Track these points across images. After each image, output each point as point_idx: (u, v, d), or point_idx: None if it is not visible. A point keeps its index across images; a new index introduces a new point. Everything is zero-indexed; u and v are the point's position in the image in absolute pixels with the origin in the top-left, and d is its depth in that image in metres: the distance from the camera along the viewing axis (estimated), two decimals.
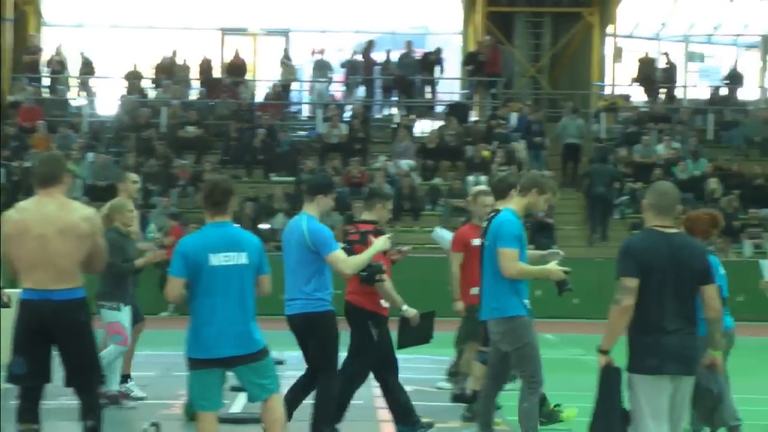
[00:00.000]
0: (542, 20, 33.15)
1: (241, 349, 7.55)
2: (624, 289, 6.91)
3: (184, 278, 7.54)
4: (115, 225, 11.49)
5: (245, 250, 7.57)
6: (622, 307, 6.91)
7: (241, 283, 7.55)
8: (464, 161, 28.03)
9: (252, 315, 7.65)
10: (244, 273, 7.56)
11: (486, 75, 31.22)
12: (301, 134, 30.48)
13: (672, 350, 6.93)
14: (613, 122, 30.97)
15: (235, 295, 7.53)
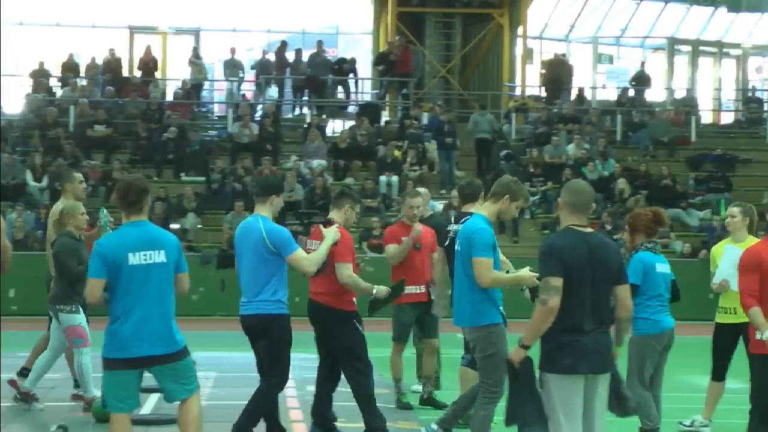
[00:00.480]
0: (453, 21, 33.27)
1: (162, 348, 7.45)
2: (550, 288, 6.90)
3: (104, 279, 7.45)
4: (69, 229, 11.29)
5: (164, 249, 7.49)
6: (548, 307, 6.89)
7: (161, 282, 7.46)
8: (376, 161, 28.04)
9: (172, 314, 7.56)
10: (163, 271, 7.47)
11: (397, 75, 31.28)
12: (211, 134, 30.27)
13: (587, 350, 6.94)
14: (524, 123, 31.23)
15: (154, 293, 7.44)
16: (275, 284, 8.99)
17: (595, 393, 7.03)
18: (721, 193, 28.25)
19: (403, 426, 10.64)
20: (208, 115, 32.45)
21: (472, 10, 32.92)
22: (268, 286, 8.98)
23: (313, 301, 9.67)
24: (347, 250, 9.55)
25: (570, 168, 27.57)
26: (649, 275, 9.19)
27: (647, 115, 31.60)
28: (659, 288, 9.25)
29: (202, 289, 22.28)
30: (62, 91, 30.60)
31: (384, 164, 27.73)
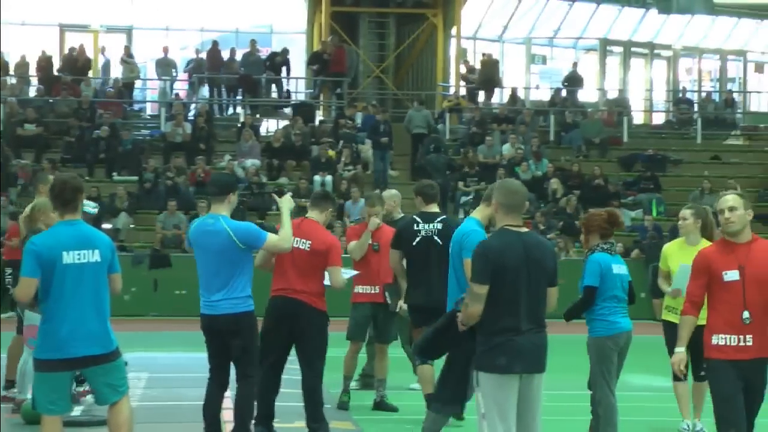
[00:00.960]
0: (386, 21, 33.29)
1: (96, 348, 7.36)
2: (473, 295, 6.93)
3: (37, 278, 7.36)
4: (38, 226, 11.14)
5: (98, 248, 7.40)
6: (468, 313, 6.95)
7: (95, 282, 7.38)
8: (310, 161, 27.97)
9: (107, 314, 7.48)
10: (97, 271, 7.38)
11: (331, 75, 31.23)
12: (144, 133, 30.02)
13: (522, 349, 6.95)
14: (457, 122, 31.31)
15: (88, 293, 7.36)
16: (244, 281, 8.91)
17: (530, 393, 7.04)
18: (652, 193, 28.55)
19: (338, 426, 10.60)
20: (141, 114, 32.19)
21: (406, 10, 32.95)
22: (238, 284, 8.88)
23: (291, 299, 9.47)
24: (340, 253, 9.65)
25: (504, 168, 27.68)
26: (605, 276, 9.13)
27: (580, 116, 31.82)
28: (615, 289, 9.14)
29: (134, 289, 22.07)
30: None
31: (318, 164, 27.67)
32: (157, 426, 9.19)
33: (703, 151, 31.63)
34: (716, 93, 37.15)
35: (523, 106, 32.48)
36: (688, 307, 7.39)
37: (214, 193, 9.11)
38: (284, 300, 9.49)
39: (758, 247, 7.28)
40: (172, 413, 11.33)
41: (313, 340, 9.56)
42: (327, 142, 28.30)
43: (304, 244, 9.45)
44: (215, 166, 27.47)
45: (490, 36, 36.28)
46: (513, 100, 32.75)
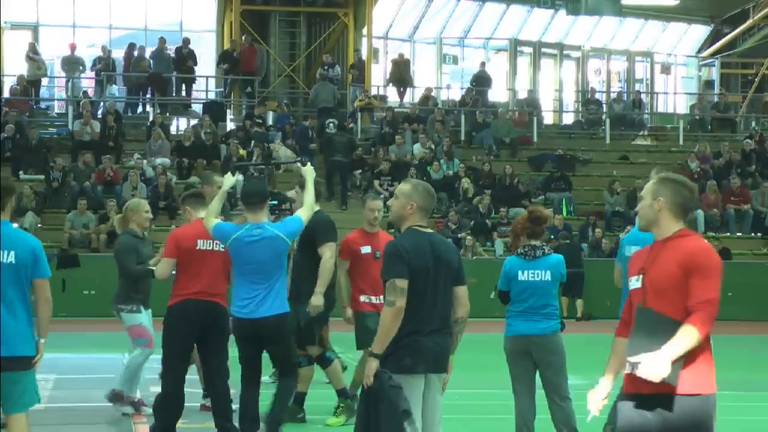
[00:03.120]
0: (297, 20, 33.21)
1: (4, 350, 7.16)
2: (397, 290, 6.84)
3: None
4: (131, 227, 10.97)
5: (14, 250, 7.21)
6: (396, 308, 6.84)
7: (8, 283, 7.17)
8: (220, 160, 27.77)
9: (23, 318, 7.25)
10: (10, 272, 7.18)
11: (241, 73, 31.06)
12: (51, 131, 29.58)
13: (426, 350, 6.93)
14: (369, 122, 31.33)
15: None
16: (284, 281, 9.09)
17: (433, 393, 7.04)
18: (563, 193, 28.81)
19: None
20: (48, 112, 31.71)
21: (317, 8, 32.90)
22: (283, 285, 9.03)
23: (210, 302, 9.35)
24: None
25: (415, 167, 27.74)
26: (511, 281, 9.02)
27: (490, 116, 32.00)
28: (519, 294, 9.03)
29: None
30: None
31: (229, 163, 27.46)
32: (64, 428, 9.04)
33: (612, 151, 32.03)
34: (624, 93, 37.60)
35: (435, 105, 32.58)
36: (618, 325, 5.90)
37: (256, 202, 8.99)
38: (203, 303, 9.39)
39: (671, 246, 5.59)
40: (80, 415, 11.18)
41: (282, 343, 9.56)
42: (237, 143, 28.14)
43: (219, 245, 9.35)
44: (124, 165, 27.17)
45: (401, 36, 36.35)
46: (425, 99, 32.84)
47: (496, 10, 36.82)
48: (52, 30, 33.44)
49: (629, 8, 35.53)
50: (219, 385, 9.45)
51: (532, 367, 8.94)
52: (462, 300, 7.11)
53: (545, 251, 9.02)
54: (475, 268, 22.18)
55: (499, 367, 10.20)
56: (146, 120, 30.17)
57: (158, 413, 9.49)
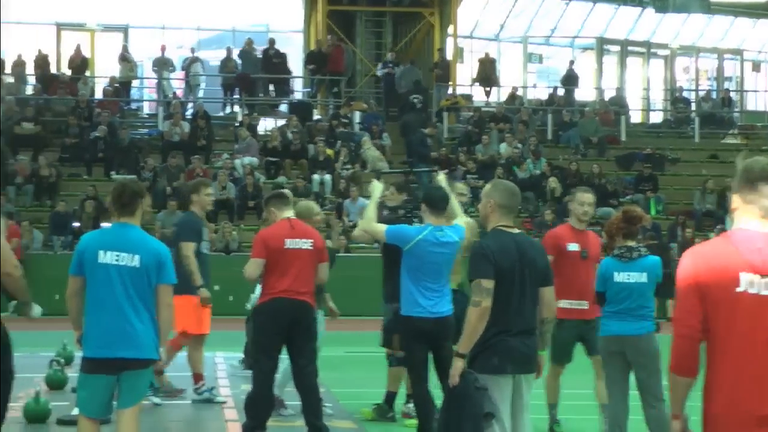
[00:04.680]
0: (383, 20, 33.31)
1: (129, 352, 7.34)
2: (483, 290, 6.86)
3: (78, 276, 7.42)
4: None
5: (138, 254, 7.37)
6: (482, 308, 6.85)
7: (131, 286, 7.34)
8: (308, 160, 27.96)
9: (148, 321, 7.38)
10: (134, 276, 7.34)
11: (328, 74, 31.23)
12: (142, 132, 29.99)
13: (514, 350, 6.94)
14: (455, 122, 31.32)
15: (122, 296, 7.31)
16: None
17: (520, 393, 7.04)
18: (651, 192, 28.56)
19: (339, 425, 10.59)
20: (138, 113, 32.15)
21: (403, 8, 32.97)
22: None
23: (298, 301, 9.42)
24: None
25: (501, 167, 27.69)
26: (607, 282, 8.95)
27: (577, 115, 31.83)
28: (614, 295, 8.98)
29: None
30: None
31: (316, 162, 27.67)
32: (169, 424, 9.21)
33: (701, 150, 31.67)
34: (714, 92, 37.17)
35: (521, 105, 32.49)
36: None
37: (442, 207, 9.10)
38: (286, 301, 9.43)
39: None
40: (177, 412, 11.38)
41: (312, 340, 9.62)
42: (326, 142, 28.31)
43: (306, 243, 9.45)
44: (213, 165, 27.46)
45: (487, 35, 36.28)
46: (511, 99, 32.76)
47: (582, 8, 36.61)
48: (141, 32, 33.90)
49: (718, 5, 35.15)
50: (308, 383, 9.52)
51: (626, 367, 8.86)
52: (548, 301, 7.12)
53: (641, 252, 8.92)
54: None
55: (590, 367, 10.16)
56: (234, 120, 30.47)
57: (249, 412, 9.59)
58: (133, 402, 7.43)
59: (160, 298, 7.44)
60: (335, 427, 10.15)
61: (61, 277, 9.22)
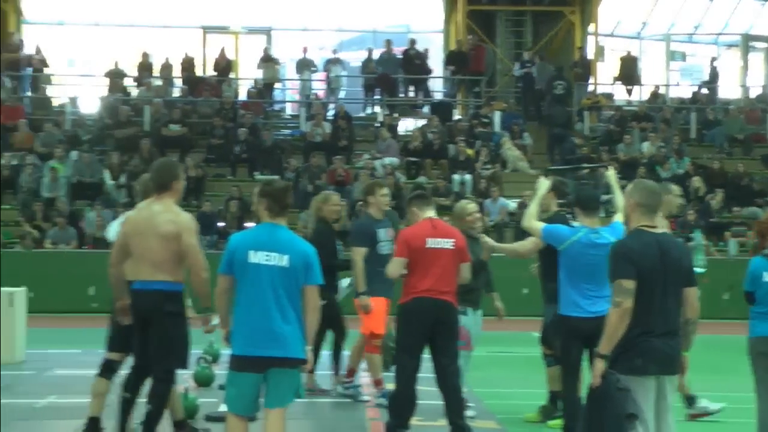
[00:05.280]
0: (523, 19, 33.22)
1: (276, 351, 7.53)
2: (624, 291, 6.87)
3: (228, 275, 7.62)
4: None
5: (288, 254, 7.53)
6: (622, 309, 6.87)
7: (280, 285, 7.52)
8: (448, 160, 28.05)
9: (295, 321, 7.54)
10: (283, 275, 7.51)
11: (469, 73, 31.27)
12: (285, 132, 30.44)
13: (657, 351, 6.92)
14: (596, 121, 31.08)
15: (270, 295, 7.49)
16: None
17: (664, 394, 7.02)
18: None
19: (481, 425, 10.64)
20: (281, 114, 32.63)
21: (543, 7, 32.85)
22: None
23: (441, 300, 9.50)
24: None
25: (644, 166, 27.39)
26: (756, 282, 8.82)
27: (721, 113, 31.29)
28: (763, 295, 8.87)
29: None
30: (137, 90, 30.92)
31: (456, 163, 27.75)
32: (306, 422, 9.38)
33: None
34: None
35: (663, 103, 32.08)
36: None
37: (594, 207, 9.28)
38: (430, 301, 9.49)
39: None
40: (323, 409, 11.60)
41: (454, 339, 9.67)
42: (467, 142, 28.37)
43: (448, 243, 9.54)
44: (354, 166, 27.73)
45: (629, 33, 35.89)
46: (653, 97, 32.36)
47: (727, 4, 35.94)
48: (284, 34, 34.39)
49: None
50: (450, 383, 9.58)
51: None
52: (691, 301, 7.08)
53: None
54: (708, 268, 21.73)
55: (735, 369, 10.06)
56: (375, 121, 30.72)
57: (392, 411, 9.71)
58: (280, 403, 7.56)
59: (306, 298, 7.58)
60: (478, 428, 10.21)
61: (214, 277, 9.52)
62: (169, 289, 8.58)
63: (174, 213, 8.67)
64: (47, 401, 11.94)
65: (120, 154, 26.98)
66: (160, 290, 8.55)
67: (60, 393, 12.37)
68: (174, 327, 8.61)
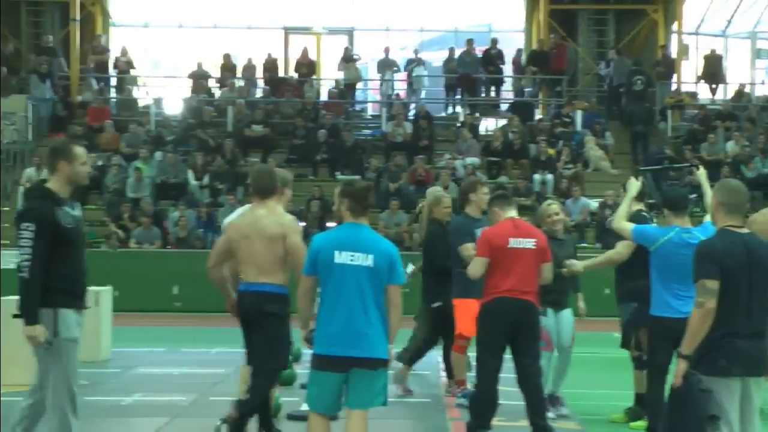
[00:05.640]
0: (606, 17, 33.03)
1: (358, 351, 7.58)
2: (707, 291, 6.82)
3: (312, 276, 7.71)
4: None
5: (372, 254, 7.59)
6: (705, 309, 6.82)
7: (365, 285, 7.56)
8: (529, 159, 27.95)
9: (378, 321, 7.58)
10: (367, 275, 7.56)
11: (551, 72, 31.15)
12: (366, 132, 30.56)
13: (743, 352, 6.86)
14: (680, 120, 30.77)
15: (355, 295, 7.54)
16: None
17: (750, 397, 6.96)
18: None
19: (563, 426, 10.61)
20: (362, 114, 32.74)
21: (626, 6, 32.60)
22: None
23: (522, 300, 9.51)
24: None
25: (728, 165, 27.08)
26: None
27: None
28: None
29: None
30: (220, 91, 31.22)
31: (537, 162, 27.65)
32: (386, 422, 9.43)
33: None
34: None
35: (749, 102, 31.67)
36: None
37: (684, 207, 9.30)
38: (513, 301, 9.49)
39: None
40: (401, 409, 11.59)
41: (535, 339, 9.67)
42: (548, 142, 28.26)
43: (530, 243, 9.54)
44: (435, 165, 27.75)
45: (713, 31, 35.48)
46: (738, 96, 31.96)
47: None
48: (366, 34, 34.50)
49: None
50: (532, 382, 9.58)
51: None
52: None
53: None
54: None
55: None
56: (456, 121, 30.71)
57: (473, 411, 9.72)
58: (362, 404, 7.60)
59: (390, 298, 7.61)
60: (559, 428, 10.19)
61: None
62: (272, 291, 8.82)
63: (278, 215, 8.92)
64: (132, 399, 12.13)
65: (203, 155, 27.26)
66: (263, 292, 8.80)
67: (145, 391, 12.56)
68: (275, 327, 8.84)
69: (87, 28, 32.18)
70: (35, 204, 7.63)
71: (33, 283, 7.42)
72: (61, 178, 7.68)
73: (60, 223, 7.53)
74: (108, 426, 10.78)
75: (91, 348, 14.86)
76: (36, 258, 7.42)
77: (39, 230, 7.47)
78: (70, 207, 7.69)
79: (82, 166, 7.78)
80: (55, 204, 7.58)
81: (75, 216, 7.70)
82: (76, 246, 7.68)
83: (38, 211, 7.55)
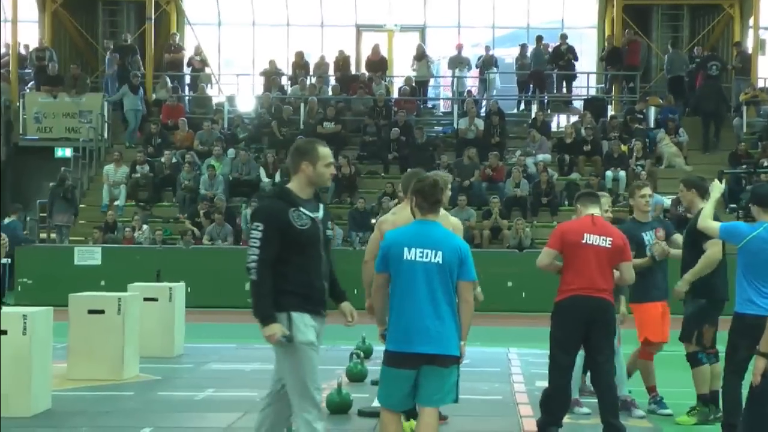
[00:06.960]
0: (680, 13, 32.73)
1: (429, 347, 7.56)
2: None
3: (385, 272, 7.67)
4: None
5: (441, 250, 7.58)
6: None
7: (435, 281, 7.54)
8: (602, 156, 27.77)
9: (450, 317, 7.57)
10: (437, 272, 7.55)
11: (625, 68, 30.92)
12: (437, 129, 30.55)
13: None
14: (756, 115, 30.40)
15: (424, 291, 7.53)
16: None
17: None
18: None
19: (636, 424, 10.55)
20: (434, 111, 32.73)
21: (701, 1, 32.28)
22: None
23: (597, 298, 9.40)
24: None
25: None
26: None
27: None
28: None
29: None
30: (292, 89, 31.38)
31: (610, 159, 27.46)
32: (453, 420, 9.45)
33: None
34: None
35: None
36: None
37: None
38: (587, 299, 9.42)
39: None
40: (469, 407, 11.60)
41: (610, 337, 9.62)
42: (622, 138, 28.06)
43: (605, 241, 9.50)
44: (507, 162, 27.67)
45: None
46: None
47: None
48: (438, 31, 34.48)
49: None
50: (605, 381, 9.52)
51: None
52: None
53: None
54: None
55: None
56: (528, 117, 30.60)
57: (545, 407, 9.69)
58: (432, 401, 7.59)
59: (461, 294, 7.60)
60: (631, 426, 10.14)
61: (360, 273, 9.61)
62: None
63: (441, 215, 8.55)
64: (205, 394, 12.24)
65: (275, 152, 27.41)
66: None
67: (217, 386, 12.67)
68: None
69: (162, 26, 32.53)
70: (267, 203, 7.61)
71: (261, 284, 7.32)
72: (302, 179, 7.53)
73: (292, 224, 7.36)
74: (181, 420, 10.90)
75: (165, 344, 15.06)
76: (263, 258, 7.31)
77: (267, 230, 7.34)
78: (310, 208, 7.48)
79: (326, 168, 7.57)
80: (289, 205, 7.42)
81: (313, 217, 7.46)
82: (311, 248, 7.47)
83: (268, 210, 7.46)
